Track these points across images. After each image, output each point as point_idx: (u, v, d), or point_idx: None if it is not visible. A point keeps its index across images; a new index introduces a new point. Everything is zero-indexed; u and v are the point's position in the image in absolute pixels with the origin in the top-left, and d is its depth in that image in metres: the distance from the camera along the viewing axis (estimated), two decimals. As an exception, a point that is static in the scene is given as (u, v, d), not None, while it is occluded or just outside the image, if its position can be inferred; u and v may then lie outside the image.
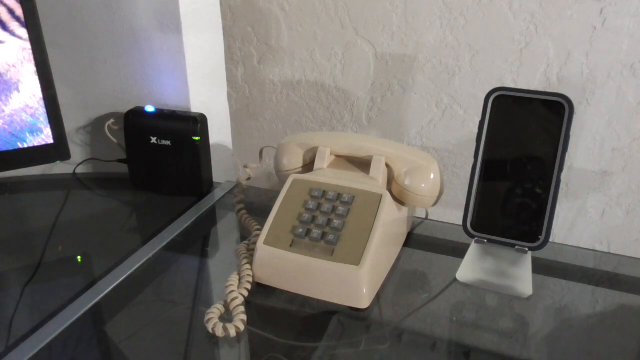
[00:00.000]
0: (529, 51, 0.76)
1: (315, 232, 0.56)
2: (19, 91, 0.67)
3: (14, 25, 0.65)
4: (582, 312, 0.55)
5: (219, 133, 0.90)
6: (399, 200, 0.62)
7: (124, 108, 0.80)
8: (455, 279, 0.59)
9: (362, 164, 0.64)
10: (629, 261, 0.65)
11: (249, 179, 0.75)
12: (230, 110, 0.96)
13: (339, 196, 0.59)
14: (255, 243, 0.58)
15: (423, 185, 0.60)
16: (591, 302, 0.57)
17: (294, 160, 0.66)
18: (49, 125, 0.70)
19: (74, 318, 0.53)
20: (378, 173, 0.61)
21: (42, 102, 0.69)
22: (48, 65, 0.69)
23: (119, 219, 0.75)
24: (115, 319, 0.54)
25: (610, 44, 0.72)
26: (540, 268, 0.61)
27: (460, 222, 0.60)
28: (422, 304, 0.56)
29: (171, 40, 0.77)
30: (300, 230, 0.56)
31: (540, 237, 0.56)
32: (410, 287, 0.59)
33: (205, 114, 0.78)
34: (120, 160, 0.83)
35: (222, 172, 0.89)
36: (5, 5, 0.64)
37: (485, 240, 0.59)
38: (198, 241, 0.69)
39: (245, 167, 0.75)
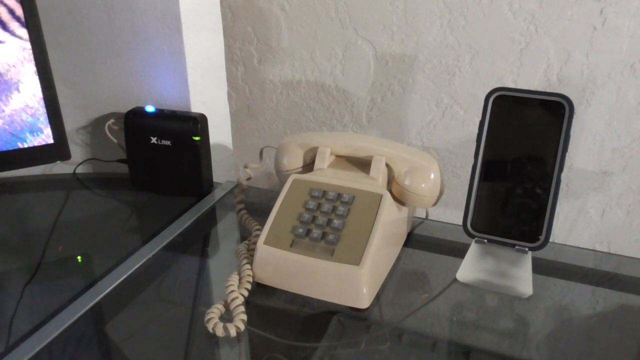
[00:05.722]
0: (529, 51, 0.76)
1: (316, 232, 0.56)
2: (19, 91, 0.67)
3: (14, 25, 0.65)
4: (582, 312, 0.55)
5: (219, 133, 0.90)
6: (399, 200, 0.62)
7: (124, 108, 0.80)
8: (455, 279, 0.59)
9: (362, 164, 0.64)
10: (629, 261, 0.65)
11: (249, 179, 0.75)
12: (230, 110, 0.96)
13: (339, 196, 0.59)
14: (255, 243, 0.58)
15: (423, 185, 0.60)
16: (591, 302, 0.57)
17: (294, 160, 0.66)
18: (49, 125, 0.70)
19: (74, 318, 0.53)
20: (378, 173, 0.61)
21: (42, 102, 0.69)
22: (48, 65, 0.69)
23: (119, 219, 0.75)
24: (115, 319, 0.54)
25: (610, 44, 0.72)
26: (540, 268, 0.61)
27: (460, 222, 0.60)
28: (422, 304, 0.56)
29: (171, 40, 0.77)
30: (301, 230, 0.56)
31: (540, 237, 0.56)
32: (410, 287, 0.59)
33: (205, 114, 0.78)
34: (120, 160, 0.83)
35: (222, 172, 0.89)
36: (5, 5, 0.64)
37: (485, 240, 0.59)
38: (198, 241, 0.69)
39: (245, 167, 0.75)
